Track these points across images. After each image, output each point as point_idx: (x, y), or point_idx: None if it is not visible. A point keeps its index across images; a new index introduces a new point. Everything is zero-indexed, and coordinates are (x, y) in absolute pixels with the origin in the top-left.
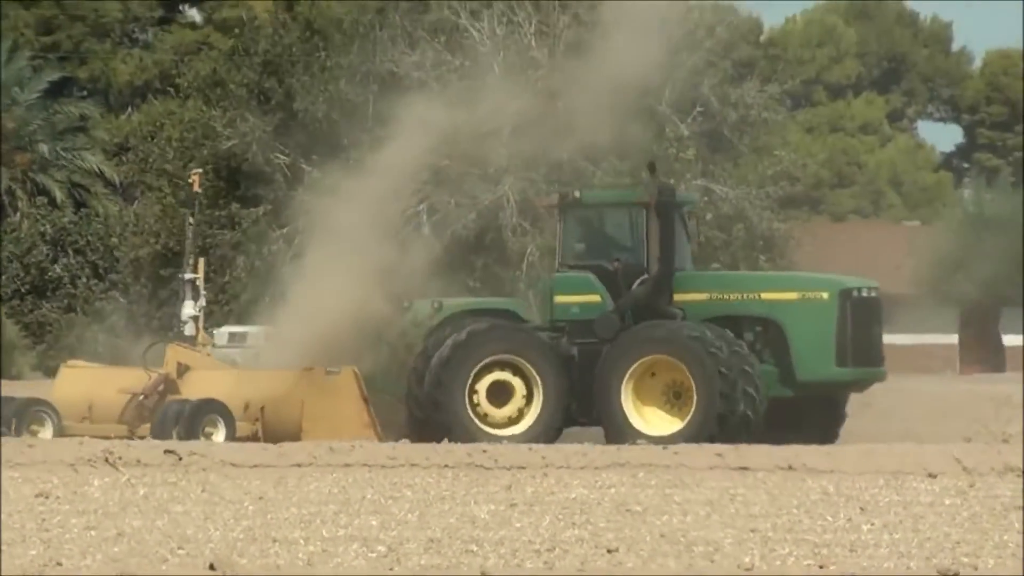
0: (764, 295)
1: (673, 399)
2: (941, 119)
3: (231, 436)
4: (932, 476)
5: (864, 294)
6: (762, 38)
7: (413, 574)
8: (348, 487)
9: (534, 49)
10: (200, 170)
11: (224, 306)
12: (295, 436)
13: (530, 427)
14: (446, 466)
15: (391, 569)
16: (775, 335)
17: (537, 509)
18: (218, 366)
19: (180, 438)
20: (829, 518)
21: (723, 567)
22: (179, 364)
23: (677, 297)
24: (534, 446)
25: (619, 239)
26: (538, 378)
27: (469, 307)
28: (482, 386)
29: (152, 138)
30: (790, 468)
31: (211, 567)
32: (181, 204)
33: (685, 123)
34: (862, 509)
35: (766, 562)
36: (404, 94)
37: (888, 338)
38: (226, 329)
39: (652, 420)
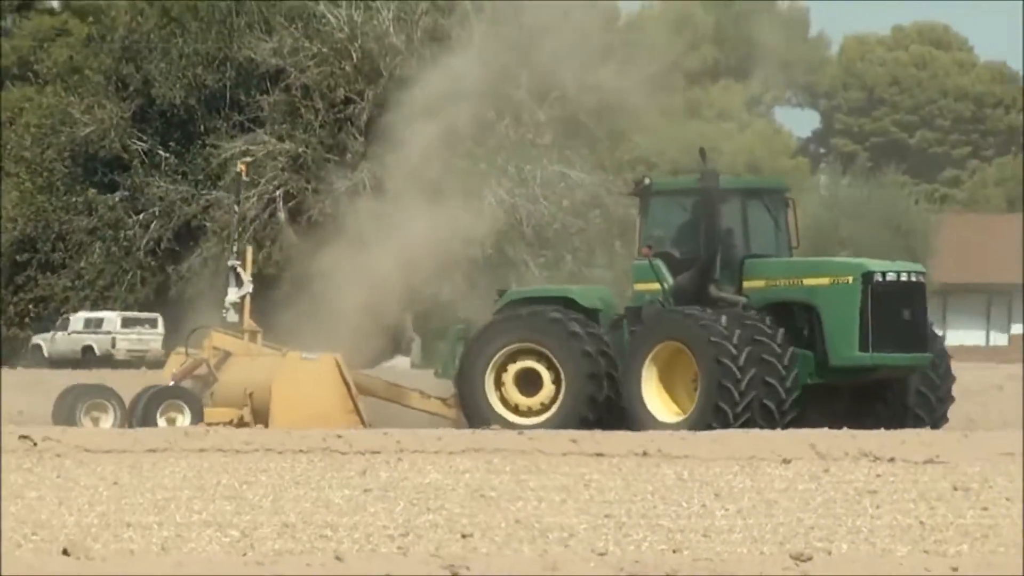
0: (805, 281)
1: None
2: (798, 105)
3: (196, 421)
4: (786, 461)
5: (891, 278)
6: (620, 24)
7: (266, 559)
8: (203, 472)
9: (392, 36)
10: (248, 159)
11: (80, 292)
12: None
13: (552, 415)
14: (301, 451)
15: (245, 554)
16: (815, 320)
17: (392, 494)
18: (260, 352)
19: (138, 424)
20: (683, 503)
21: (578, 552)
22: (217, 350)
23: (745, 284)
24: (389, 431)
25: (684, 226)
26: (559, 366)
27: (529, 295)
28: (509, 375)
29: (10, 124)
30: (644, 454)
31: (65, 552)
32: (39, 190)
33: (542, 108)
34: (716, 495)
35: (620, 547)
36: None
37: None
38: (82, 315)
39: (676, 407)
